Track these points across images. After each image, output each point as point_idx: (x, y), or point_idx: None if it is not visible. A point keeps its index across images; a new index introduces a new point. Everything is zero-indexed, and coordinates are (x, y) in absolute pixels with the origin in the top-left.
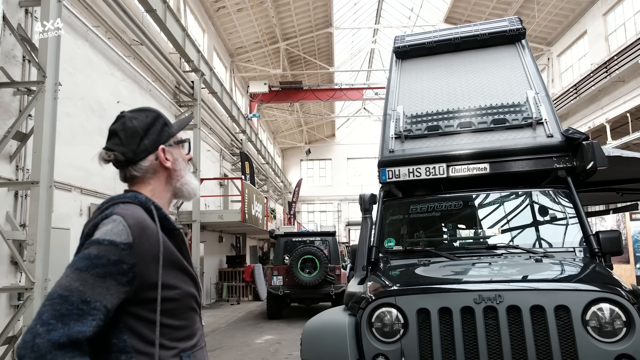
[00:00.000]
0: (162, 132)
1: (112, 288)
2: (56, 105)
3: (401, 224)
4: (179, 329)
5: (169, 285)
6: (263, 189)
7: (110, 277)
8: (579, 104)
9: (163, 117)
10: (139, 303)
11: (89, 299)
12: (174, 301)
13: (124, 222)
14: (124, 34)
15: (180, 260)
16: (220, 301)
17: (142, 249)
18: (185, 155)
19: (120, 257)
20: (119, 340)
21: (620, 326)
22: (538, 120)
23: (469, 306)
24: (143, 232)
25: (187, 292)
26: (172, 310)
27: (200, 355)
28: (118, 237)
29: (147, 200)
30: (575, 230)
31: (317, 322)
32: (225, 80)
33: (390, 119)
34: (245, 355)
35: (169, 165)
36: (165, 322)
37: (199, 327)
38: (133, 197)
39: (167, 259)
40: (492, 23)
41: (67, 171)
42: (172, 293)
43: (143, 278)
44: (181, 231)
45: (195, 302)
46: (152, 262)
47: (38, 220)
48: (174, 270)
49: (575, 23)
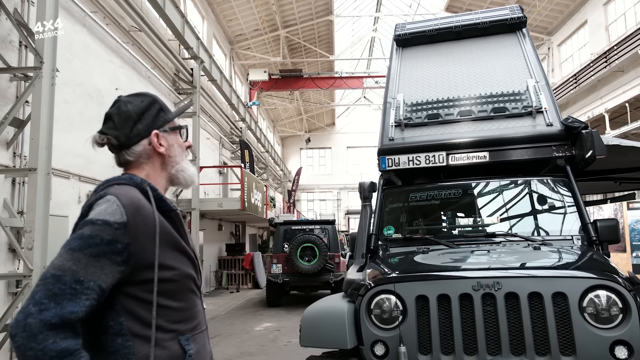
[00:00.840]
0: (157, 117)
1: (107, 268)
2: (54, 91)
3: (400, 212)
4: (177, 311)
5: (166, 265)
6: (263, 178)
7: (104, 256)
8: (579, 94)
9: (159, 102)
10: (135, 284)
11: (82, 279)
12: (172, 282)
13: (117, 202)
14: (122, 20)
15: (178, 241)
16: (220, 289)
17: (137, 229)
18: (183, 142)
19: (114, 236)
20: (116, 323)
21: (616, 313)
22: (538, 109)
23: (467, 293)
24: (138, 212)
25: (185, 274)
26: (170, 292)
27: (201, 338)
28: (112, 216)
29: (142, 182)
30: (573, 218)
31: (317, 309)
32: (225, 67)
33: (390, 107)
34: (245, 342)
35: (163, 150)
36: (163, 303)
37: (199, 310)
38: (128, 179)
39: (164, 240)
40: (493, 11)
41: (66, 158)
42: (169, 274)
43: (139, 258)
44: (178, 212)
45: (194, 284)
46: (148, 242)
47: (36, 208)
48: (172, 251)
49: (575, 13)
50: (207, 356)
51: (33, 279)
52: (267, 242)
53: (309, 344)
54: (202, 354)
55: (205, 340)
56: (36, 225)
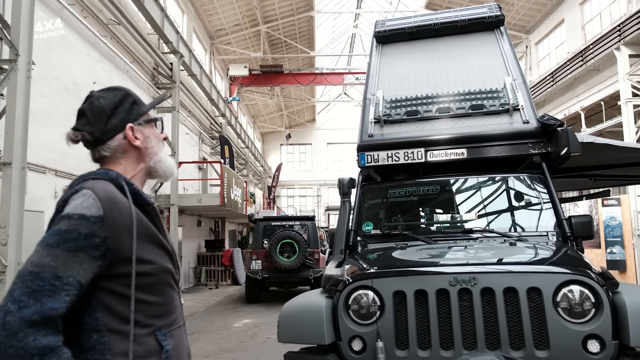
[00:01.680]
0: (130, 110)
1: (85, 262)
2: (29, 84)
3: (379, 208)
4: (155, 305)
5: (144, 259)
6: (242, 173)
7: (82, 251)
8: (555, 92)
9: (132, 95)
10: (112, 278)
11: (61, 275)
12: (150, 276)
13: (93, 196)
14: (100, 13)
15: (156, 235)
16: (199, 285)
17: (114, 222)
18: (159, 134)
19: (91, 230)
20: (92, 319)
21: (589, 307)
22: (515, 106)
23: (444, 288)
24: (114, 206)
25: (163, 268)
26: (148, 286)
27: (178, 333)
28: (88, 210)
29: (118, 176)
30: (549, 215)
31: (295, 305)
32: (205, 62)
33: (369, 104)
34: (224, 338)
35: (138, 144)
36: (140, 298)
37: (177, 305)
38: (104, 174)
39: (142, 233)
40: (472, 9)
41: (42, 152)
42: (147, 268)
43: (116, 252)
44: (155, 206)
45: (172, 279)
46: (126, 235)
47: (10, 203)
48: (150, 245)
49: (553, 12)
50: (185, 352)
51: (7, 275)
52: (246, 238)
53: (287, 340)
54: (180, 349)
55: (183, 335)
56: (11, 221)
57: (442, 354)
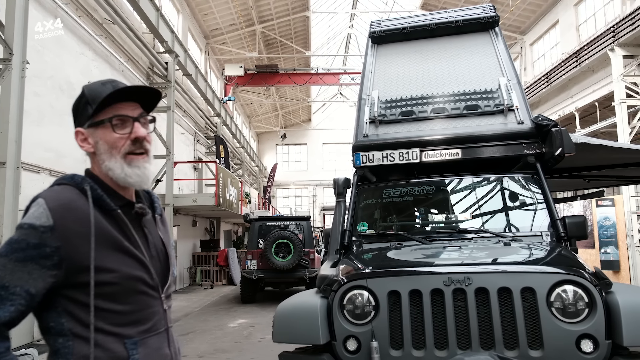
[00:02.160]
0: (83, 113)
1: (35, 272)
2: (24, 84)
3: (374, 208)
4: (122, 314)
5: (105, 268)
6: (238, 173)
7: (32, 261)
8: (550, 93)
9: (86, 95)
10: (73, 287)
11: (7, 284)
12: (112, 285)
13: (44, 205)
14: (95, 12)
15: (120, 242)
16: (194, 285)
17: (68, 231)
18: (118, 135)
19: (41, 240)
20: (57, 324)
21: (582, 307)
22: (509, 107)
23: (438, 288)
24: (68, 214)
25: (128, 275)
26: (112, 295)
27: (155, 341)
28: (37, 220)
29: (82, 181)
30: (543, 215)
31: (290, 305)
32: (200, 62)
33: (365, 104)
34: (219, 339)
35: (87, 149)
36: (104, 307)
37: (155, 312)
38: (69, 178)
39: (103, 241)
40: (467, 10)
41: (36, 152)
42: (109, 276)
43: (72, 261)
44: (119, 212)
45: (145, 285)
46: (82, 244)
47: (4, 202)
48: (112, 253)
49: (547, 12)
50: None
51: None
52: (242, 238)
53: (281, 340)
54: (154, 357)
55: (163, 343)
56: (5, 220)
57: (437, 353)
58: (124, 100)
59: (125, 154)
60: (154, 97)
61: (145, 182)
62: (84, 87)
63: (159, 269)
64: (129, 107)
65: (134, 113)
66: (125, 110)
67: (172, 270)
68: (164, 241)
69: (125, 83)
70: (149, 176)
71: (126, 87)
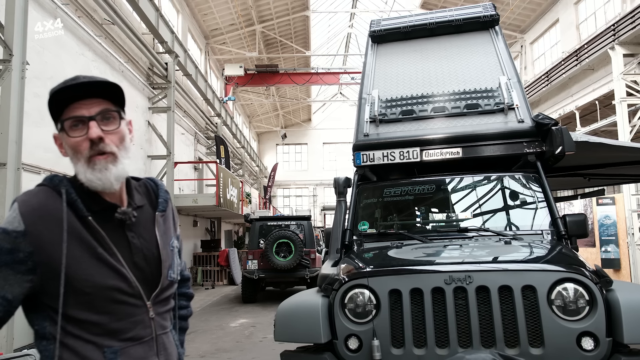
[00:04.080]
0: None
1: (10, 278)
2: (24, 84)
3: (375, 208)
4: (99, 325)
5: (76, 277)
6: (238, 173)
7: (6, 266)
8: (550, 92)
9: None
10: (48, 294)
11: None
12: (85, 294)
13: (17, 210)
14: (94, 12)
15: (93, 249)
16: (195, 285)
17: (40, 237)
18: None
19: (14, 245)
20: (40, 327)
21: (583, 305)
22: (509, 105)
23: (439, 287)
24: (39, 219)
25: (101, 285)
26: (87, 304)
27: (137, 351)
28: (10, 224)
29: (60, 183)
30: (543, 213)
31: (291, 304)
32: (200, 62)
33: (365, 103)
34: (220, 338)
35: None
36: (78, 317)
37: (138, 320)
38: (48, 180)
39: (76, 248)
40: (467, 9)
41: (36, 153)
42: (80, 285)
43: (47, 267)
44: (89, 219)
45: (124, 294)
46: (54, 250)
47: (5, 203)
48: (86, 260)
49: (548, 11)
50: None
51: None
52: (242, 238)
53: (283, 339)
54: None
55: (148, 352)
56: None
57: (438, 352)
58: (83, 98)
59: (89, 157)
60: (115, 89)
61: (109, 185)
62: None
63: (149, 274)
64: (87, 106)
65: (90, 111)
66: (80, 109)
67: (165, 275)
68: (161, 243)
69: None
70: (112, 179)
71: (71, 84)
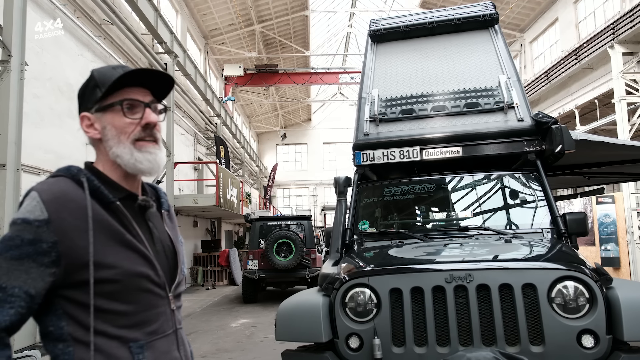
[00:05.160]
0: (90, 97)
1: (33, 271)
2: (23, 85)
3: (375, 207)
4: (125, 315)
5: (105, 264)
6: (238, 174)
7: (28, 258)
8: (550, 90)
9: (95, 78)
10: (72, 286)
11: (5, 285)
12: (114, 283)
13: (38, 198)
14: (93, 13)
15: (122, 235)
16: (196, 286)
17: (64, 225)
18: (128, 120)
19: (36, 235)
20: (56, 328)
21: (583, 303)
22: (509, 104)
23: (440, 285)
24: (63, 207)
25: (131, 272)
26: (114, 293)
27: (162, 344)
28: (31, 214)
29: (79, 172)
30: (543, 212)
31: (292, 303)
32: (199, 62)
33: (365, 102)
34: (221, 338)
35: (92, 135)
36: (105, 307)
37: (161, 312)
38: (64, 170)
39: (103, 235)
40: (466, 8)
41: (36, 154)
42: (110, 273)
43: (71, 258)
44: (118, 204)
45: (150, 283)
46: (80, 238)
47: (5, 205)
48: (113, 247)
49: (547, 10)
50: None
51: None
52: (243, 238)
53: (284, 338)
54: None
55: (171, 345)
56: (6, 223)
57: (439, 350)
58: (134, 85)
59: (135, 140)
60: (166, 85)
61: (157, 169)
62: (93, 71)
63: (166, 266)
64: (140, 93)
65: (145, 99)
66: (135, 95)
67: (180, 268)
68: (172, 237)
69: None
70: (159, 163)
71: (138, 70)
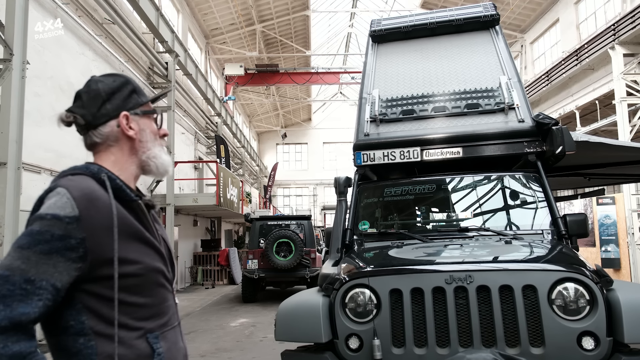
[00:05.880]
0: (128, 98)
1: (60, 265)
2: (24, 84)
3: (375, 207)
4: (144, 307)
5: (128, 259)
6: (238, 173)
7: (57, 253)
8: (551, 91)
9: (133, 84)
10: (95, 280)
11: (33, 278)
12: (136, 277)
13: (68, 194)
14: (95, 12)
15: (141, 233)
16: (195, 285)
17: (92, 222)
18: (157, 129)
19: (66, 231)
20: (77, 322)
21: (583, 304)
22: (510, 105)
23: (440, 286)
24: (91, 204)
25: (151, 267)
26: (135, 287)
27: (172, 335)
28: (62, 210)
29: (99, 171)
30: (544, 213)
31: (291, 303)
32: (200, 62)
33: (365, 103)
34: (220, 338)
35: (132, 134)
36: (127, 300)
37: (170, 305)
38: (84, 168)
39: (125, 232)
40: (467, 9)
41: (36, 152)
42: (132, 268)
43: (96, 253)
44: (139, 202)
45: (163, 278)
46: (106, 235)
47: (6, 203)
48: (135, 244)
49: (548, 11)
50: (180, 354)
51: None
52: (243, 237)
53: (284, 339)
54: (173, 351)
55: (178, 337)
56: (6, 221)
57: (438, 351)
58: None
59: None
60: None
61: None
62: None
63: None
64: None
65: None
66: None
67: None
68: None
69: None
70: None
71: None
